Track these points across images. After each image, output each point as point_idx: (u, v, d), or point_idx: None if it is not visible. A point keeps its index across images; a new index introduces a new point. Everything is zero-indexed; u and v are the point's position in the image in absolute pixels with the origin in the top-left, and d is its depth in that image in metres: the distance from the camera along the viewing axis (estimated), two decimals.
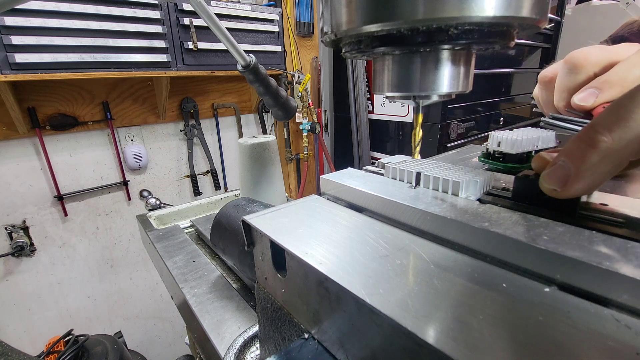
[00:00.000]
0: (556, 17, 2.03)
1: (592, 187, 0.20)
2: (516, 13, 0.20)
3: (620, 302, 0.15)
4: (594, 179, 0.19)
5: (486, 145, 0.39)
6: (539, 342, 0.13)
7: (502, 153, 0.37)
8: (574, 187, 0.19)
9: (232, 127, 1.82)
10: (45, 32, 1.06)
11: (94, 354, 0.69)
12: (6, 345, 0.45)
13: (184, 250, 0.65)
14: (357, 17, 0.22)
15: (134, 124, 1.49)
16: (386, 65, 0.27)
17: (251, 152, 0.71)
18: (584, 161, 0.19)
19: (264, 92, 0.64)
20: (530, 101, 2.05)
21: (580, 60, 0.34)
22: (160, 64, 1.29)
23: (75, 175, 1.40)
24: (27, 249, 1.31)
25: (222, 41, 0.56)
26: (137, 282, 1.67)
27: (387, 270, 0.19)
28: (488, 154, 0.38)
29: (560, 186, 0.20)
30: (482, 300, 0.16)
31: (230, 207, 0.51)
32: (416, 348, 0.14)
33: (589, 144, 0.19)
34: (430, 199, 0.25)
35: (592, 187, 0.20)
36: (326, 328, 0.21)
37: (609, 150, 0.18)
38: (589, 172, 0.19)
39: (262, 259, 0.27)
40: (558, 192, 0.20)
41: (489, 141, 0.38)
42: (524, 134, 0.36)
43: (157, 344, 1.77)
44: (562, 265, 0.17)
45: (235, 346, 0.37)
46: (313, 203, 0.30)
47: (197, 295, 0.51)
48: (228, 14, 1.41)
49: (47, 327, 1.45)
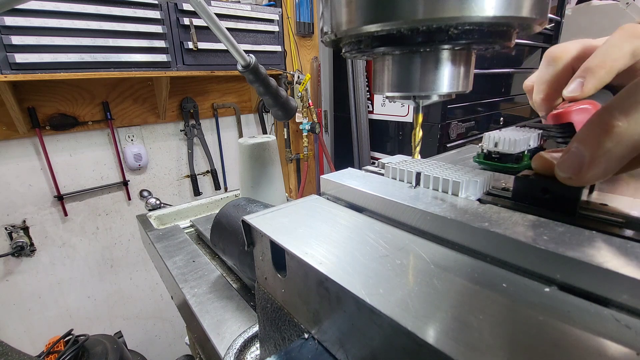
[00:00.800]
0: (556, 17, 2.03)
1: (607, 173, 0.19)
2: (516, 13, 0.20)
3: (620, 302, 0.15)
4: (609, 164, 0.19)
5: (481, 146, 0.38)
6: (539, 343, 0.13)
7: (498, 153, 0.36)
8: (589, 174, 0.19)
9: (232, 127, 1.82)
10: (45, 32, 1.06)
11: (94, 354, 0.69)
12: (6, 345, 0.45)
13: (184, 250, 0.65)
14: (357, 17, 0.22)
15: (134, 124, 1.49)
16: (386, 65, 0.27)
17: (251, 152, 0.71)
18: (599, 146, 0.18)
19: (264, 92, 0.64)
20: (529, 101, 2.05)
21: (557, 53, 0.34)
22: (160, 64, 1.29)
23: (75, 175, 1.40)
24: (27, 249, 1.31)
25: (222, 41, 0.56)
26: (137, 282, 1.67)
27: (387, 270, 0.19)
28: (484, 154, 0.38)
29: (574, 173, 0.20)
30: (482, 300, 0.16)
31: (230, 207, 0.51)
32: (416, 348, 0.14)
33: (604, 128, 0.18)
34: (430, 199, 0.25)
35: (607, 172, 0.19)
36: (326, 328, 0.21)
37: (625, 134, 0.18)
38: (604, 157, 0.18)
39: (262, 259, 0.27)
40: (573, 180, 0.20)
41: (484, 142, 0.38)
42: (517, 134, 0.36)
43: (157, 344, 1.77)
44: (562, 265, 0.17)
45: (235, 346, 0.37)
46: (313, 203, 0.30)
47: (197, 295, 0.51)
48: (228, 14, 1.41)
49: (47, 327, 1.45)
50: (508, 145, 0.35)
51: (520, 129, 0.38)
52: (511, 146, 0.35)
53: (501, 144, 0.36)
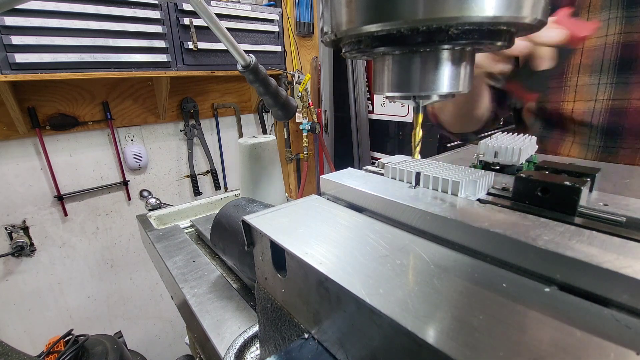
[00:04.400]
0: None
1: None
2: (516, 13, 0.20)
3: (620, 302, 0.15)
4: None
5: (477, 155, 0.35)
6: (538, 342, 0.13)
7: (499, 164, 0.33)
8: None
9: (232, 127, 1.82)
10: (45, 32, 1.06)
11: (94, 354, 0.69)
12: (6, 345, 0.45)
13: (184, 250, 0.65)
14: (357, 17, 0.22)
15: (134, 124, 1.49)
16: (386, 65, 0.27)
17: (251, 152, 0.71)
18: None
19: (264, 92, 0.64)
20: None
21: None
22: (160, 64, 1.29)
23: (75, 175, 1.40)
24: (27, 249, 1.31)
25: (222, 41, 0.56)
26: (137, 282, 1.67)
27: (387, 270, 0.19)
28: (482, 165, 0.35)
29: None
30: (482, 300, 0.16)
31: (230, 207, 0.51)
32: (416, 348, 0.14)
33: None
34: (430, 199, 0.25)
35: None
36: (326, 328, 0.21)
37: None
38: None
39: (262, 259, 0.27)
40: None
41: (481, 150, 0.34)
42: (515, 142, 0.34)
43: (157, 344, 1.77)
44: (562, 265, 0.17)
45: (235, 346, 0.37)
46: (313, 203, 0.30)
47: (197, 295, 0.51)
48: (228, 14, 1.41)
49: (47, 327, 1.45)
50: (511, 155, 0.32)
51: (513, 135, 0.36)
52: (514, 156, 0.32)
53: (502, 154, 0.33)
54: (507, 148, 0.33)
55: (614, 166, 0.49)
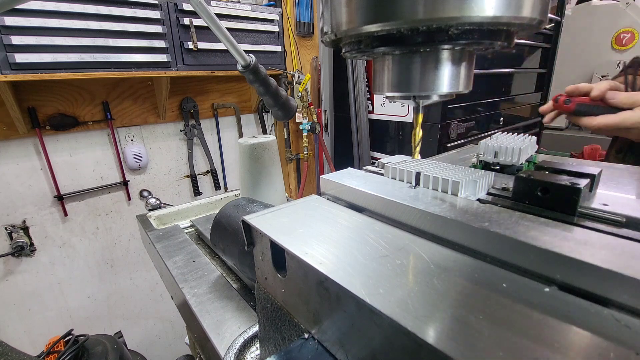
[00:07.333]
0: (556, 17, 2.02)
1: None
2: (516, 13, 0.20)
3: (620, 302, 0.15)
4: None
5: (477, 155, 0.35)
6: (538, 342, 0.13)
7: (499, 164, 0.34)
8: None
9: (232, 127, 1.82)
10: (45, 32, 1.06)
11: (94, 354, 0.69)
12: (6, 345, 0.45)
13: (184, 250, 0.65)
14: (357, 17, 0.22)
15: (134, 124, 1.49)
16: (386, 65, 0.27)
17: (251, 152, 0.71)
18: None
19: (264, 92, 0.64)
20: (530, 101, 2.05)
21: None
22: (160, 64, 1.29)
23: (75, 175, 1.40)
24: (27, 249, 1.31)
25: (222, 41, 0.56)
26: (137, 282, 1.67)
27: (387, 270, 0.19)
28: (482, 165, 0.35)
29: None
30: (482, 300, 0.16)
31: (230, 207, 0.51)
32: (416, 348, 0.14)
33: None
34: (430, 199, 0.25)
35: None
36: (326, 328, 0.21)
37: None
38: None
39: (262, 259, 0.27)
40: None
41: (481, 150, 0.34)
42: (515, 141, 0.34)
43: (157, 344, 1.77)
44: (562, 265, 0.17)
45: (235, 346, 0.37)
46: (313, 203, 0.30)
47: (197, 295, 0.51)
48: (228, 14, 1.41)
49: (47, 327, 1.45)
50: (511, 155, 0.33)
51: (513, 135, 0.36)
52: (514, 156, 0.32)
53: (502, 154, 0.33)
54: (507, 148, 0.33)
55: (614, 166, 0.49)
